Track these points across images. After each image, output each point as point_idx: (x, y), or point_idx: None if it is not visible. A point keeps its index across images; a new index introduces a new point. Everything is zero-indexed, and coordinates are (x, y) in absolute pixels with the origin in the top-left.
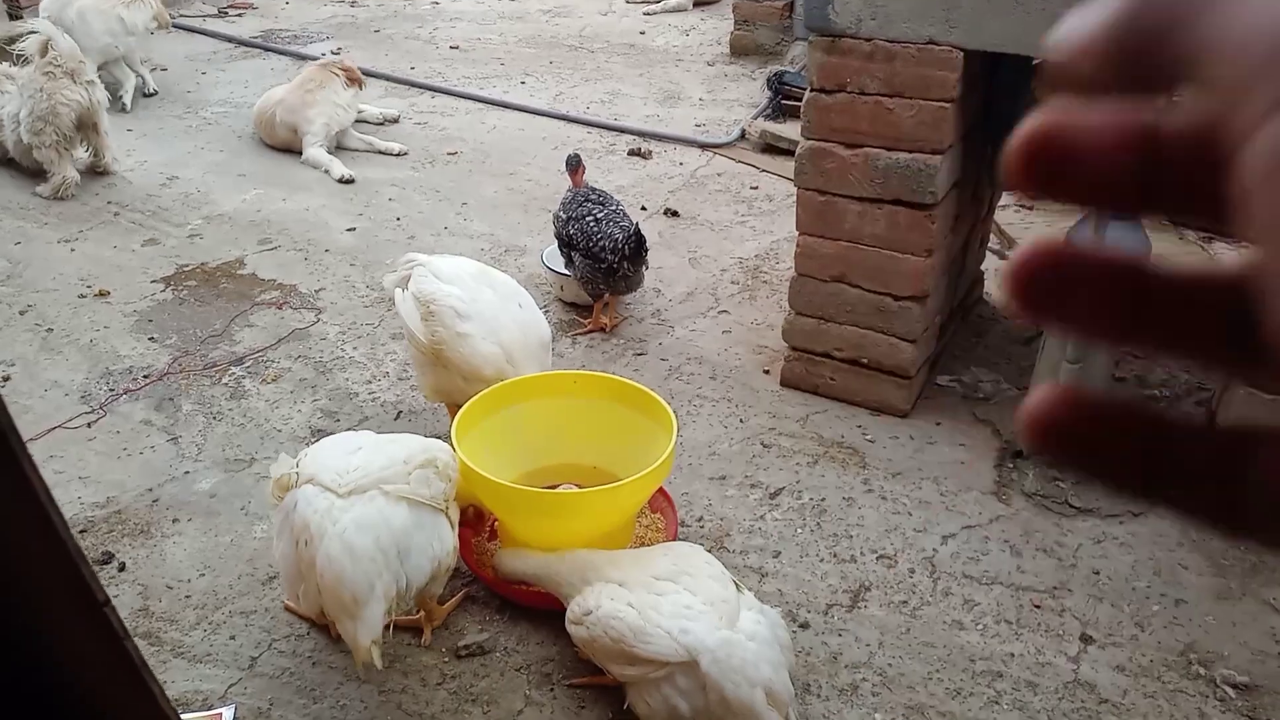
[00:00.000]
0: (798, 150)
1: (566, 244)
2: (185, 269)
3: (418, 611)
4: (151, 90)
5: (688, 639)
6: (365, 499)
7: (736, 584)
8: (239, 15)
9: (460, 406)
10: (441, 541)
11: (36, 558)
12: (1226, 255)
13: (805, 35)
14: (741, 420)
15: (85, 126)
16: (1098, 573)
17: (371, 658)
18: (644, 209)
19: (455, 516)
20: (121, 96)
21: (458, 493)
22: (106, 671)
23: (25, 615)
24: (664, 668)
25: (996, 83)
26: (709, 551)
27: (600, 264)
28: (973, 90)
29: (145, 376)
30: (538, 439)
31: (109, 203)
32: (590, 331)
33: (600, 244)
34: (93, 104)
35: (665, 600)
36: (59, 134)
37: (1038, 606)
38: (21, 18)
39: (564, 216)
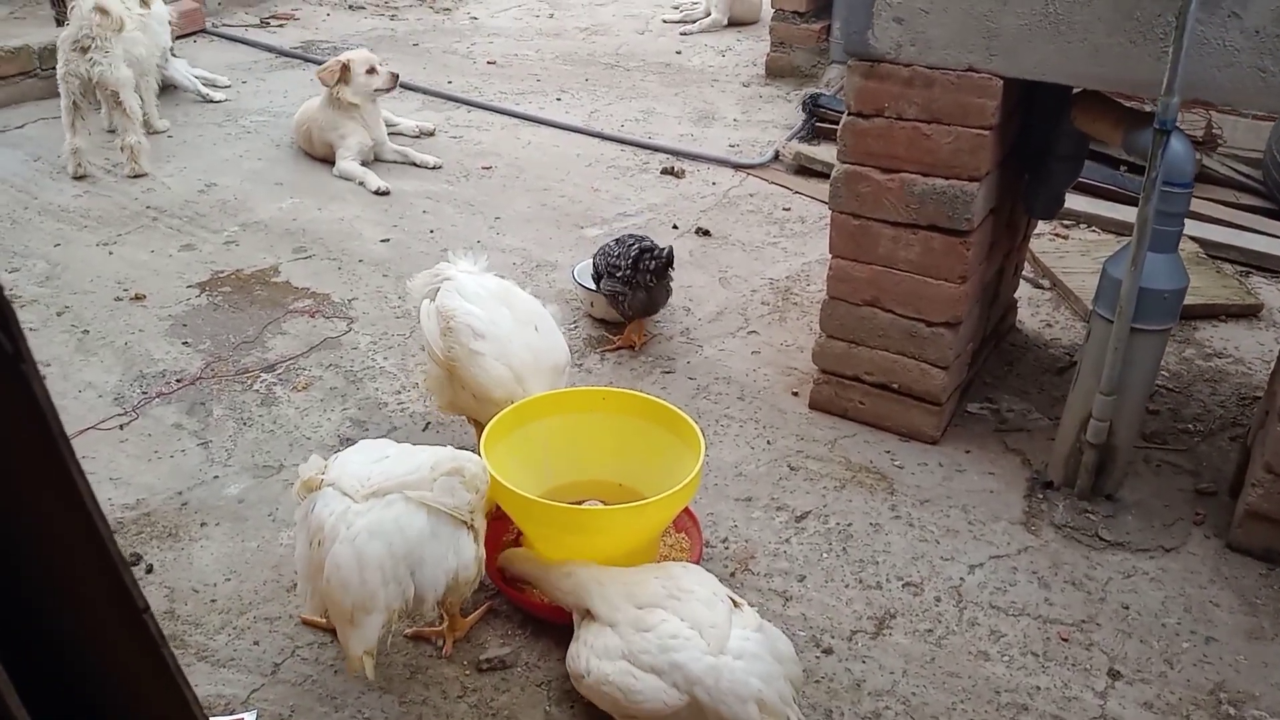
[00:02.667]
0: (833, 173)
1: (596, 278)
2: (220, 275)
3: (441, 622)
4: (208, 97)
5: (678, 675)
6: (384, 504)
7: (734, 599)
8: (280, 26)
9: (475, 421)
10: (459, 555)
11: (81, 564)
12: (1262, 289)
13: (842, 58)
14: (769, 442)
15: (108, 101)
16: (1127, 607)
17: (363, 668)
18: (675, 228)
19: (481, 529)
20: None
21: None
22: (144, 676)
23: (70, 621)
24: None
25: (1034, 110)
26: (733, 574)
27: (617, 271)
28: (1011, 118)
29: (178, 380)
30: (565, 454)
31: (147, 207)
32: (619, 348)
33: (617, 256)
34: (100, 79)
35: (653, 635)
36: (69, 103)
37: (1065, 640)
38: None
39: (602, 263)
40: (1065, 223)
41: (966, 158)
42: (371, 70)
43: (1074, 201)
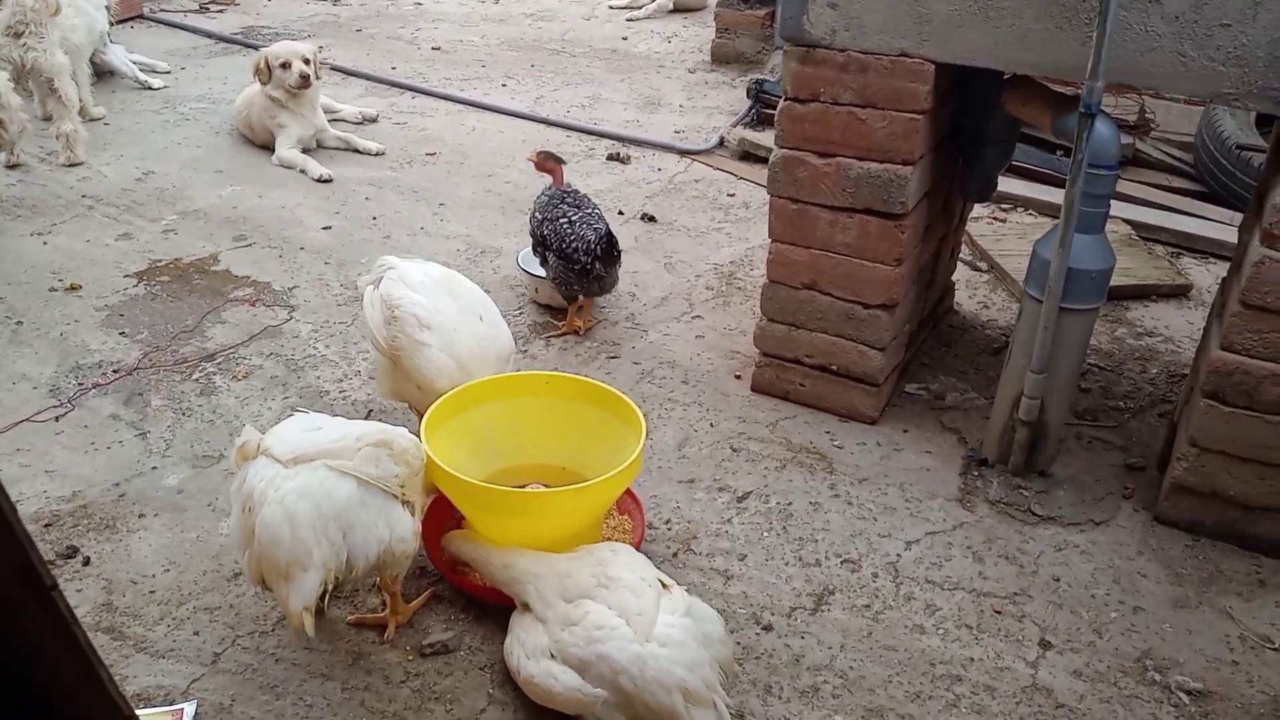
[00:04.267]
0: (771, 158)
1: (541, 243)
2: (159, 264)
3: (384, 608)
4: (146, 84)
5: (604, 666)
6: (310, 468)
7: (664, 581)
8: (220, 11)
9: (418, 410)
10: (392, 526)
11: None
12: (1192, 269)
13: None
14: (712, 424)
15: (41, 89)
16: (1058, 580)
17: (303, 624)
18: (621, 213)
19: (419, 505)
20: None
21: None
22: (55, 653)
23: None
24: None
25: (966, 95)
26: (676, 554)
27: (573, 265)
28: (944, 102)
29: (115, 371)
30: (508, 439)
31: (83, 196)
32: (564, 334)
33: (573, 245)
34: (34, 65)
35: (580, 628)
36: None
37: (998, 612)
38: None
39: (539, 217)
40: (1003, 206)
41: (900, 142)
42: (286, 65)
43: (1011, 185)
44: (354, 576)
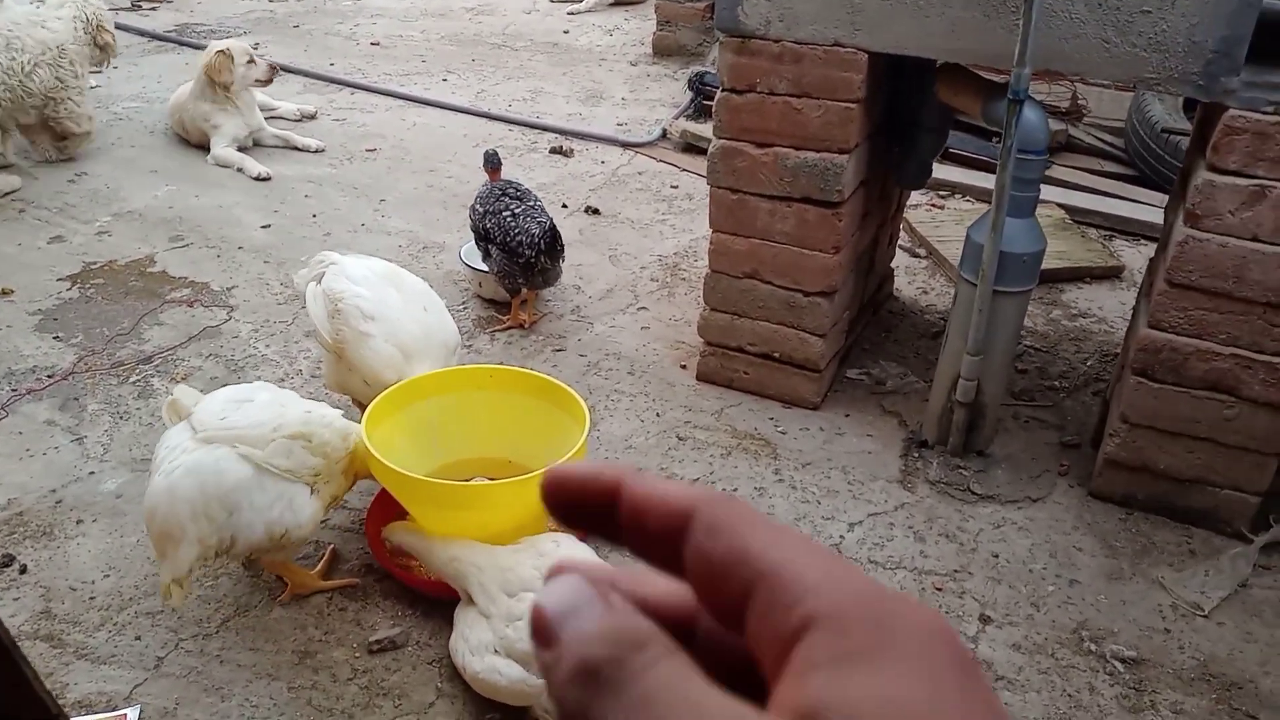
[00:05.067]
0: (709, 149)
1: (483, 238)
2: (93, 267)
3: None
4: None
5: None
6: (210, 448)
7: None
8: (153, 9)
9: (363, 404)
10: (293, 512)
11: None
12: (1124, 251)
13: None
14: (658, 414)
15: None
16: (997, 556)
17: (170, 595)
18: (565, 206)
19: (330, 493)
20: None
21: (357, 473)
22: None
23: None
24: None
25: (900, 84)
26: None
27: (517, 259)
28: (878, 91)
29: (49, 376)
30: (452, 433)
31: (13, 200)
32: (509, 328)
33: (517, 239)
34: None
35: (523, 623)
36: None
37: (939, 589)
38: None
39: (481, 210)
40: (941, 193)
41: (836, 131)
42: (251, 60)
43: (949, 172)
44: (236, 553)
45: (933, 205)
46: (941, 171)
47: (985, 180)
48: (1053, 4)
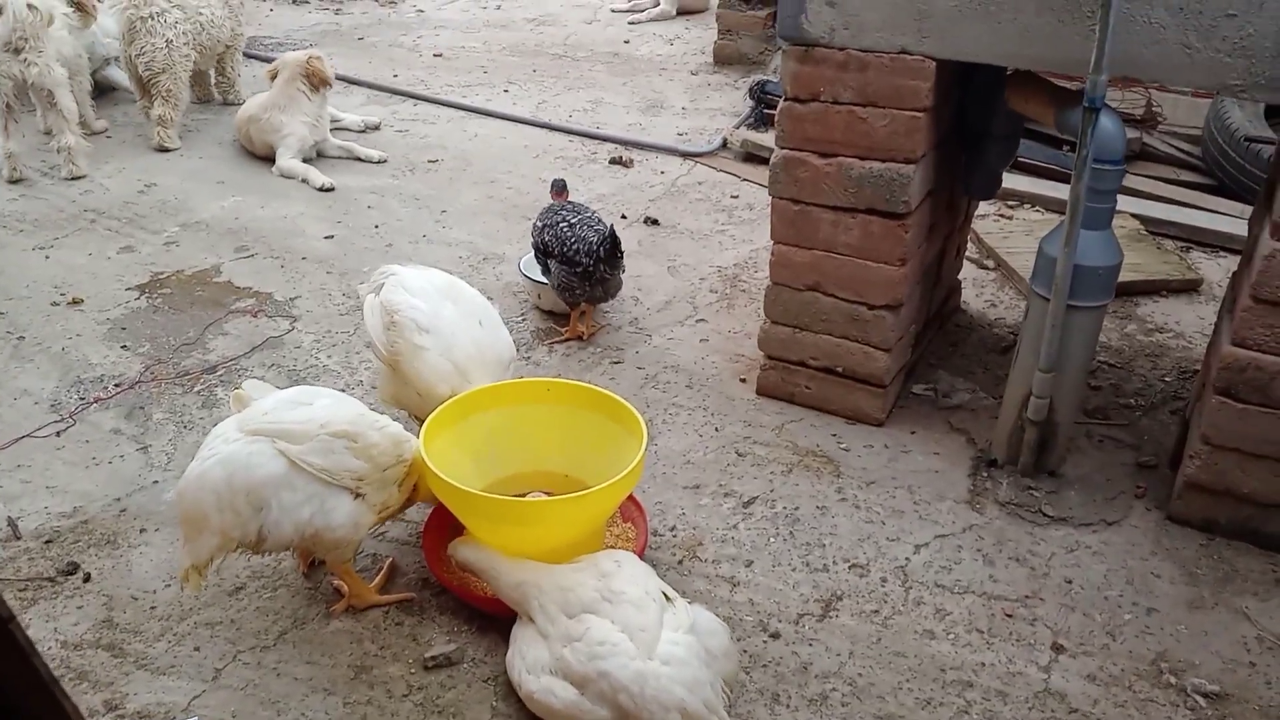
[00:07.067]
0: (771, 159)
1: (543, 252)
2: (160, 276)
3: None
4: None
5: (605, 683)
6: (248, 441)
7: (667, 594)
8: None
9: (418, 418)
10: (324, 514)
11: None
12: (1202, 264)
13: None
14: (717, 429)
15: (43, 103)
16: (1070, 582)
17: (187, 579)
18: (624, 217)
19: (378, 501)
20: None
21: (420, 490)
22: (16, 687)
23: None
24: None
25: (968, 92)
26: (681, 561)
27: (575, 268)
28: (945, 99)
29: (116, 385)
30: (510, 446)
31: (85, 210)
32: (567, 340)
33: (574, 247)
34: (35, 81)
35: (582, 644)
36: (1, 105)
37: (1009, 616)
38: None
39: (539, 225)
40: (1010, 203)
41: (902, 140)
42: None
43: (1018, 182)
44: (266, 549)
45: (1001, 215)
46: (1010, 181)
47: (1055, 190)
48: (1131, 9)
